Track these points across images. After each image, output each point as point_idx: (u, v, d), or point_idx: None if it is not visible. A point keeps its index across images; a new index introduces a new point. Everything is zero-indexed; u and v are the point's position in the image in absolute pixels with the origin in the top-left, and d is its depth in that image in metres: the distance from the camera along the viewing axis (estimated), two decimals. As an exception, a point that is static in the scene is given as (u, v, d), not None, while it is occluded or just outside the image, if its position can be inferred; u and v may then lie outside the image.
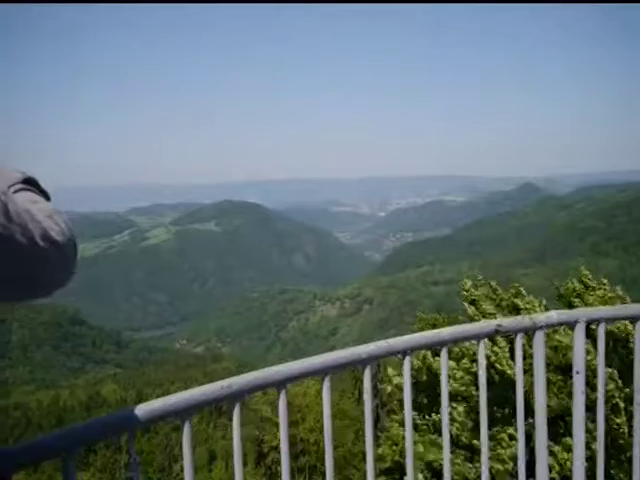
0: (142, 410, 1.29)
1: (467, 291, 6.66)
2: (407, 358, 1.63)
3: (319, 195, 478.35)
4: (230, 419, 1.52)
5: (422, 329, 7.18)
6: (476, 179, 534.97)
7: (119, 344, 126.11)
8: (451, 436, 5.98)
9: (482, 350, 1.77)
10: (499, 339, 5.35)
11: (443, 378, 1.72)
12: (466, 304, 6.60)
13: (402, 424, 6.23)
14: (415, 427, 6.33)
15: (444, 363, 1.71)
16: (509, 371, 5.15)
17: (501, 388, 5.09)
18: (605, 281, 5.84)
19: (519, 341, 1.78)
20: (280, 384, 1.48)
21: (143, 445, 32.59)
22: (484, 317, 6.14)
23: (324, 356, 1.54)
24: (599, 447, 1.88)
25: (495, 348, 5.43)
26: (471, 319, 6.45)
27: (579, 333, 1.86)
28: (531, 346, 1.92)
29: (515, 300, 6.04)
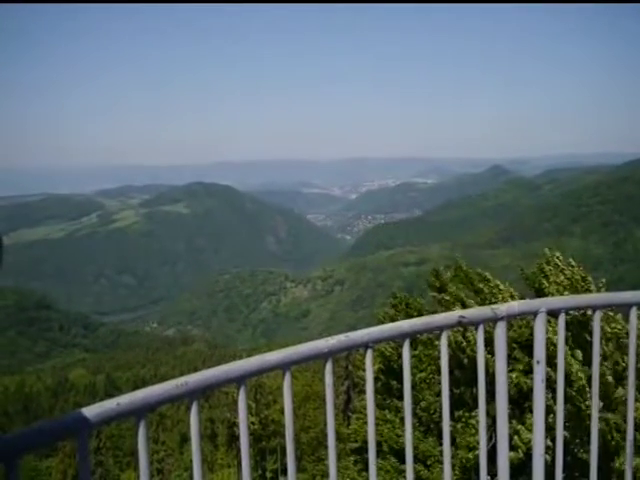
0: (94, 412, 1.23)
1: (436, 277, 6.69)
2: (369, 351, 1.62)
3: (290, 177, 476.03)
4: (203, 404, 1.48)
5: (395, 307, 7.22)
6: (446, 161, 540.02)
7: (87, 328, 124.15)
8: (420, 420, 6.06)
9: (445, 342, 1.77)
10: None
11: (405, 370, 1.71)
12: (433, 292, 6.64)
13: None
14: (388, 409, 6.41)
15: (406, 355, 1.70)
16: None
17: (471, 370, 5.13)
18: (573, 262, 5.75)
19: (481, 332, 1.79)
20: (239, 380, 1.45)
21: (112, 429, 32.35)
22: (453, 300, 6.19)
23: (284, 351, 1.51)
24: (558, 434, 1.91)
25: (467, 334, 5.45)
26: (439, 302, 6.52)
27: (540, 323, 1.87)
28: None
29: (480, 285, 6.08)
